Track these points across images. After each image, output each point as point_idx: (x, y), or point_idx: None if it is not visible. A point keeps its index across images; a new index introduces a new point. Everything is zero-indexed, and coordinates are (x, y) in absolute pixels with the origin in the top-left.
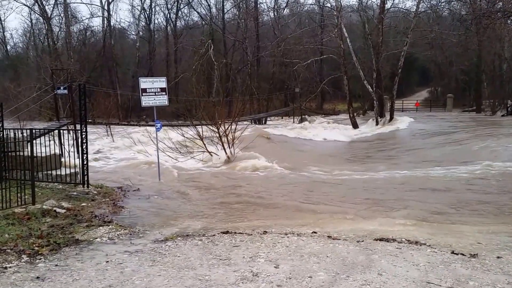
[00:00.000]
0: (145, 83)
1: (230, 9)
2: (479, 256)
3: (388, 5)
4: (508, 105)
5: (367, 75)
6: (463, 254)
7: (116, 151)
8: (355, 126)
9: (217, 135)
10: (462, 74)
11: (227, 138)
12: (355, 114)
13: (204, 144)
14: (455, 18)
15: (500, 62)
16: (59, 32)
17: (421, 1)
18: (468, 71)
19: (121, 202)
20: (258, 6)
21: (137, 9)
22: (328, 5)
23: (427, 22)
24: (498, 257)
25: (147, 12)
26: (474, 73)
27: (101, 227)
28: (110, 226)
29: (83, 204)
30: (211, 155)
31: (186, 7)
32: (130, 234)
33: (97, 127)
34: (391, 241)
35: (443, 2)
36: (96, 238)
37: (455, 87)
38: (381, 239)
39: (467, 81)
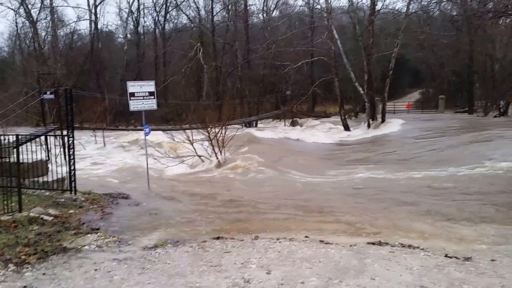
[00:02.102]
0: (133, 87)
1: (220, 11)
2: (473, 259)
3: (378, 6)
4: (501, 106)
5: (358, 77)
6: (456, 258)
7: (104, 156)
8: (346, 128)
9: (208, 139)
10: (454, 75)
11: (217, 142)
12: (346, 116)
13: (194, 149)
14: (446, 18)
15: (492, 63)
16: (46, 36)
17: (412, 2)
18: (460, 72)
19: (110, 208)
20: (248, 8)
21: (125, 11)
22: (318, 6)
23: (418, 23)
24: (492, 260)
25: (135, 15)
26: (466, 74)
27: (89, 235)
28: (99, 233)
29: (71, 211)
30: (202, 160)
31: (175, 9)
32: (119, 241)
33: (85, 132)
34: (384, 244)
35: (434, 2)
36: (84, 245)
37: (447, 88)
38: (373, 243)
39: (459, 82)
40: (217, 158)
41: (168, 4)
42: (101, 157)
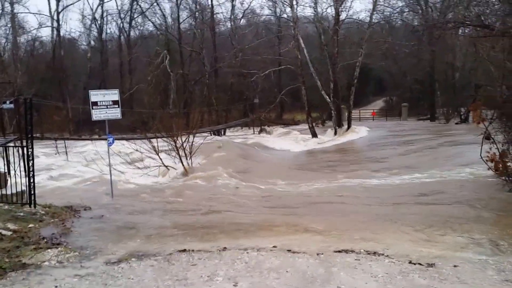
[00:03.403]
0: (95, 95)
1: (186, 18)
2: (436, 266)
3: (342, 16)
4: (462, 113)
5: (324, 85)
6: (420, 264)
7: (66, 167)
8: (314, 136)
9: (174, 147)
10: (416, 83)
11: (184, 151)
12: (314, 124)
13: (160, 158)
14: (407, 29)
15: (452, 72)
16: (6, 43)
17: (374, 13)
18: (422, 81)
19: (71, 222)
20: (215, 16)
21: (88, 18)
22: (285, 15)
23: (381, 33)
24: (454, 266)
25: (99, 22)
26: (427, 82)
27: (49, 250)
28: (59, 248)
29: (31, 225)
30: (168, 169)
31: (140, 16)
32: (81, 256)
33: (47, 143)
34: (350, 252)
35: (396, 13)
36: (44, 261)
37: (409, 96)
38: (340, 251)
39: (421, 90)
40: (184, 168)
41: (133, 11)
42: (62, 168)
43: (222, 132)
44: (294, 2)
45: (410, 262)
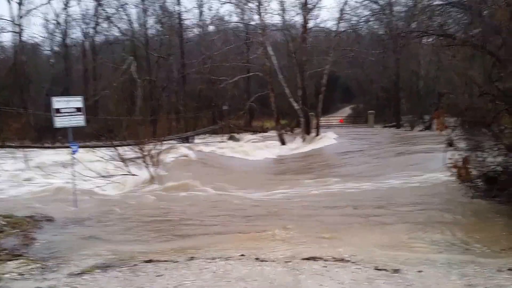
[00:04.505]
0: (58, 102)
1: (153, 24)
2: (401, 271)
3: (310, 24)
4: (426, 121)
5: (293, 93)
6: (386, 270)
7: (28, 176)
8: (283, 143)
9: (141, 155)
10: (382, 91)
11: (151, 159)
12: (283, 131)
13: (127, 166)
14: (373, 37)
15: (417, 80)
16: None
17: (341, 21)
18: (388, 88)
19: (33, 233)
20: (182, 22)
21: (52, 23)
22: (253, 23)
23: (348, 41)
24: (419, 271)
25: (63, 27)
26: (393, 90)
27: (10, 262)
28: (20, 260)
29: None
30: (134, 177)
31: (106, 21)
32: (43, 268)
33: (7, 150)
34: (318, 259)
35: (362, 22)
36: (5, 274)
37: (376, 103)
38: (308, 258)
39: (387, 98)
40: (151, 176)
41: (98, 16)
42: (23, 176)
43: (191, 140)
44: (262, 10)
45: (376, 268)
